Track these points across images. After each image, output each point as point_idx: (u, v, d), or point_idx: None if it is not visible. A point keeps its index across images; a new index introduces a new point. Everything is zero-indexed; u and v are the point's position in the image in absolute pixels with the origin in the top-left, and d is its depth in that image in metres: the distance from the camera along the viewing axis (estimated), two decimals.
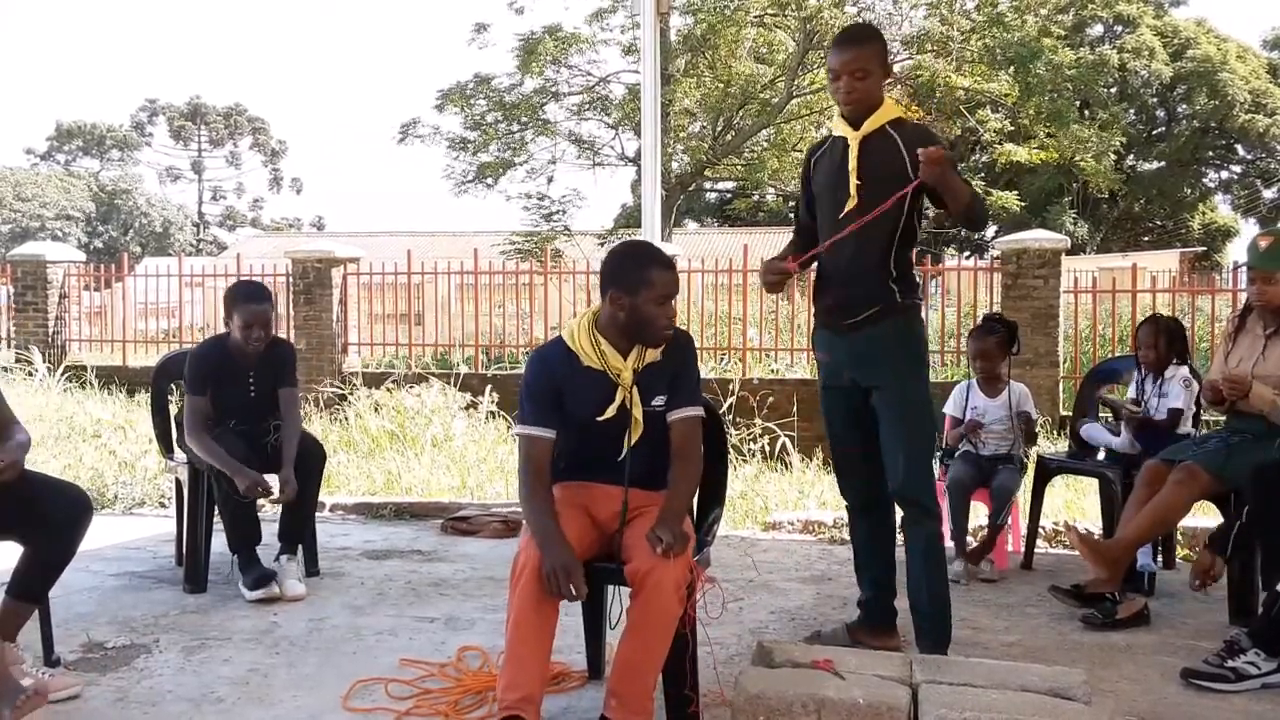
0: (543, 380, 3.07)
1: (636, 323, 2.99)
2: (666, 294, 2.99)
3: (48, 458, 7.24)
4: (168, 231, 53.29)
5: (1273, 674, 3.35)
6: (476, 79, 20.80)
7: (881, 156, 3.39)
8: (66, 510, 3.24)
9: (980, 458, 4.91)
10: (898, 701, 2.70)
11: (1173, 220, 35.88)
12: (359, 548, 5.34)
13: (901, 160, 3.36)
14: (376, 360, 11.24)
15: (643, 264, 3.00)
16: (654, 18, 5.28)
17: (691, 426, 3.07)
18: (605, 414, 3.02)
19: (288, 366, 4.62)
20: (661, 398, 3.06)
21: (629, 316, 2.98)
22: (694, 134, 20.50)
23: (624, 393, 3.01)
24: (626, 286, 2.97)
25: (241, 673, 3.51)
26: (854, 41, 3.47)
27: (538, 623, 2.83)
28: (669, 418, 3.06)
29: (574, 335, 3.06)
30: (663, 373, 3.06)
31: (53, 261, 12.19)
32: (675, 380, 3.07)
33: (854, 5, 18.86)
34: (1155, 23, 33.46)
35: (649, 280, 2.96)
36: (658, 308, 2.97)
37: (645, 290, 2.96)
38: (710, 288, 11.83)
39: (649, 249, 3.14)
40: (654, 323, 2.98)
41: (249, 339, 4.43)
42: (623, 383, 3.01)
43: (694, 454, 3.07)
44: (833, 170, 3.51)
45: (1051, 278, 9.34)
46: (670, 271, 3.01)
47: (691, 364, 3.14)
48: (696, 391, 3.13)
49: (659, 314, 2.98)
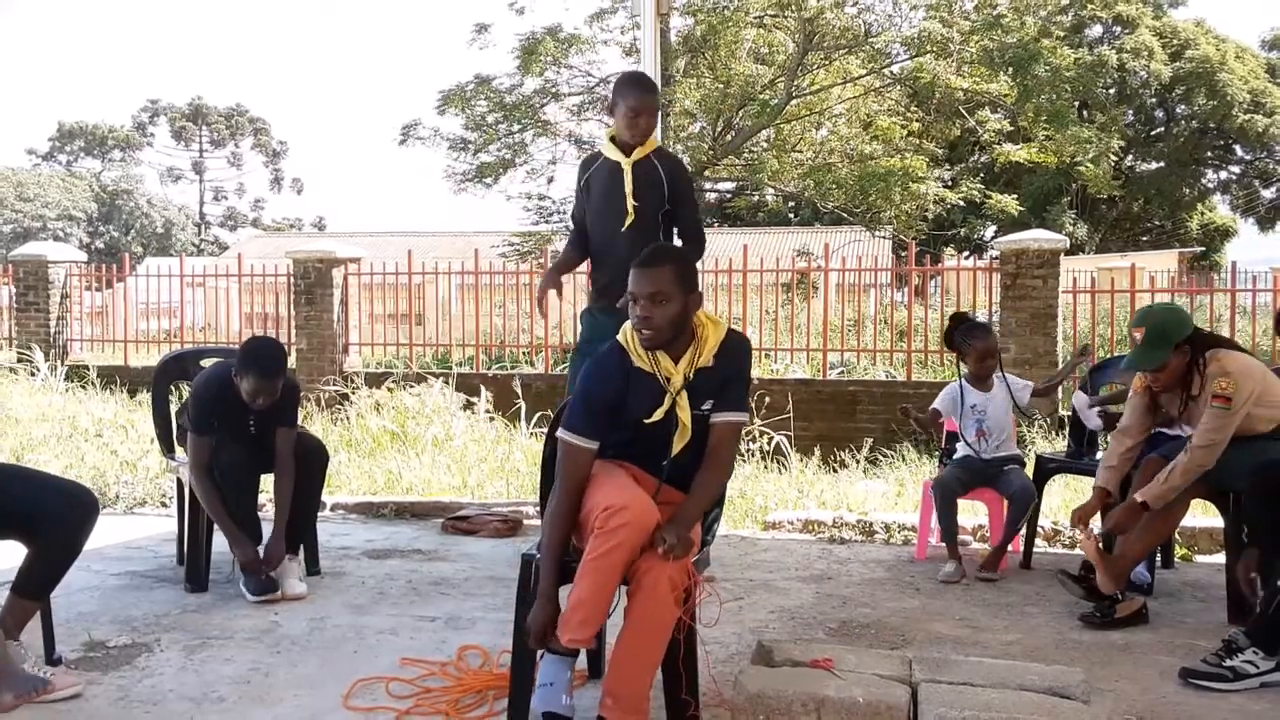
0: (599, 387, 3.01)
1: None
2: (635, 292, 2.95)
3: (50, 458, 7.25)
4: (169, 232, 53.29)
5: (1271, 672, 3.36)
6: (477, 80, 20.81)
7: (650, 179, 4.41)
8: (71, 509, 3.24)
9: (983, 460, 4.92)
10: (897, 701, 2.71)
11: (1171, 220, 35.86)
12: (360, 547, 5.34)
13: (663, 184, 4.45)
14: (377, 360, 11.25)
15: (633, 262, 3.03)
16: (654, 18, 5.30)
17: (732, 431, 3.05)
18: (653, 416, 2.99)
19: (289, 408, 4.50)
20: (709, 404, 3.02)
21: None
22: (694, 134, 20.50)
23: (672, 397, 2.98)
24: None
25: (243, 672, 3.52)
26: (652, 90, 4.48)
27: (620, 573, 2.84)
28: (711, 420, 3.03)
29: (627, 335, 3.04)
30: (715, 378, 3.01)
31: (54, 262, 12.20)
32: (725, 385, 3.02)
33: (854, 6, 18.88)
34: (1154, 23, 33.43)
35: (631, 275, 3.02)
36: (630, 310, 2.97)
37: (630, 279, 3.00)
38: (710, 288, 11.84)
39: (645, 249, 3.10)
40: (632, 324, 2.99)
41: (252, 403, 4.32)
42: (672, 388, 2.98)
43: (726, 460, 3.07)
44: (610, 188, 4.46)
45: (1050, 278, 9.36)
46: (641, 268, 2.96)
47: (744, 370, 3.10)
48: (744, 398, 3.10)
49: (631, 314, 2.98)
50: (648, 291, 2.90)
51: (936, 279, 13.47)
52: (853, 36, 18.60)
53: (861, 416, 9.46)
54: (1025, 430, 8.16)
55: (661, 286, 2.90)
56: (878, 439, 8.72)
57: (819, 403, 9.56)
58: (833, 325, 10.71)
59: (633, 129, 4.40)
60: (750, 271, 10.38)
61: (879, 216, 19.63)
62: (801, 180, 19.77)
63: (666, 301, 2.91)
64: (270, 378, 4.26)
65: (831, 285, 11.09)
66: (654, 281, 2.91)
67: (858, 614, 4.18)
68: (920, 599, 4.42)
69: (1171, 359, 3.92)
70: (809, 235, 28.70)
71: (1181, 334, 3.93)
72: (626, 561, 2.82)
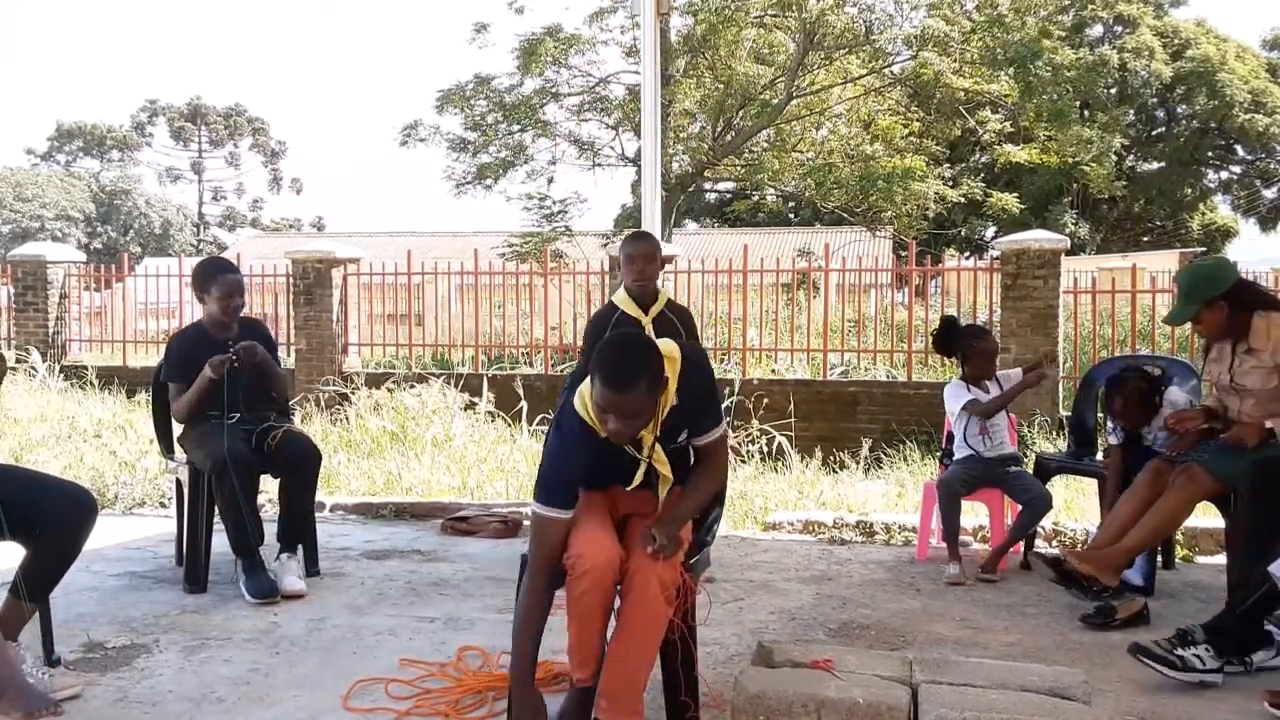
0: (565, 457, 2.90)
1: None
2: (600, 405, 2.75)
3: (48, 458, 7.24)
4: (168, 232, 53.28)
5: (1212, 673, 3.34)
6: (477, 79, 20.78)
7: (669, 330, 4.48)
8: (71, 510, 3.23)
9: (985, 460, 4.91)
10: (898, 701, 2.70)
11: (1172, 220, 35.84)
12: (359, 548, 5.34)
13: (681, 334, 4.54)
14: (377, 360, 11.24)
15: (596, 366, 2.76)
16: (654, 18, 5.29)
17: (717, 444, 3.03)
18: (632, 483, 2.95)
19: (265, 337, 4.81)
20: (684, 434, 2.97)
21: None
22: (694, 134, 20.47)
23: (646, 461, 2.91)
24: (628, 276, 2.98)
25: (242, 672, 3.51)
26: (646, 237, 4.80)
27: (602, 615, 2.88)
28: (694, 443, 3.00)
29: (585, 406, 2.86)
30: (683, 411, 2.92)
31: (53, 262, 12.18)
32: (695, 411, 2.95)
33: (854, 5, 18.85)
34: (1155, 23, 33.42)
35: (594, 382, 2.76)
36: (597, 413, 2.78)
37: (594, 389, 2.77)
38: (710, 288, 11.83)
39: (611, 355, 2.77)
40: (599, 423, 2.81)
41: (228, 309, 4.57)
42: (644, 451, 2.91)
43: (719, 465, 3.05)
44: None
45: (1051, 278, 9.34)
46: (610, 390, 2.71)
47: (708, 387, 3.00)
48: (717, 412, 3.02)
49: (599, 417, 2.79)
50: (622, 411, 2.73)
51: (937, 279, 13.45)
52: (853, 36, 18.58)
53: (862, 417, 9.44)
54: (1025, 430, 8.15)
55: (636, 407, 2.74)
56: (878, 439, 8.71)
57: (819, 403, 9.55)
58: (833, 325, 10.70)
59: (640, 277, 4.62)
60: (750, 271, 10.36)
61: (879, 216, 19.61)
62: (802, 180, 19.75)
63: (640, 416, 2.77)
64: (234, 270, 4.70)
65: (832, 285, 11.08)
66: (628, 404, 2.73)
67: (858, 615, 4.17)
68: (921, 600, 4.42)
69: (1204, 314, 3.98)
70: (809, 235, 28.70)
71: (1212, 290, 3.96)
72: (602, 603, 2.85)
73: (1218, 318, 3.99)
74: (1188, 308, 4.05)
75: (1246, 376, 3.98)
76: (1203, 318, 4.02)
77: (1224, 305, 3.96)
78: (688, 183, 21.00)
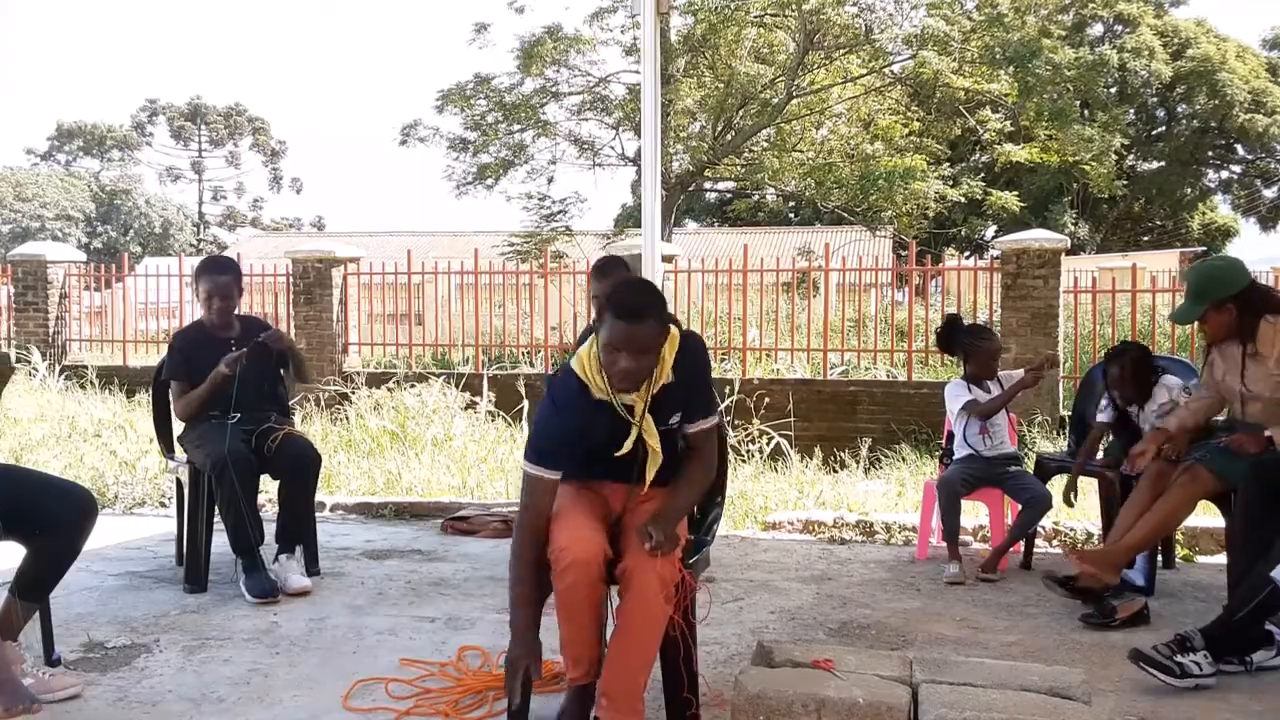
0: (555, 417, 2.91)
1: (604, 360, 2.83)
2: (611, 343, 2.77)
3: (48, 458, 7.24)
4: (168, 232, 53.25)
5: (1207, 677, 3.33)
6: (476, 79, 20.78)
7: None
8: (71, 510, 3.23)
9: (986, 459, 4.91)
10: (898, 701, 2.70)
11: (1173, 220, 35.85)
12: (359, 548, 5.34)
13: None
14: (377, 360, 11.23)
15: (610, 304, 2.81)
16: (654, 18, 5.27)
17: (707, 435, 3.02)
18: (621, 450, 2.92)
19: (263, 327, 4.81)
20: (677, 416, 2.97)
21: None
22: (694, 134, 20.48)
23: (638, 427, 2.90)
24: (601, 318, 2.86)
25: (242, 672, 3.51)
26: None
27: (589, 610, 2.87)
28: (685, 430, 2.99)
29: (584, 365, 2.90)
30: (676, 390, 2.92)
31: (53, 261, 12.18)
32: (689, 394, 2.96)
33: (854, 5, 18.85)
34: (1155, 23, 33.40)
35: (605, 321, 2.80)
36: (607, 354, 2.80)
37: (604, 329, 2.80)
38: (710, 288, 11.83)
39: (623, 291, 2.85)
40: (607, 368, 2.82)
41: (210, 310, 4.62)
42: (635, 416, 2.90)
43: (709, 458, 3.04)
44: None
45: (1051, 278, 9.34)
46: (623, 323, 2.74)
47: (704, 372, 3.02)
48: (710, 400, 3.05)
49: (607, 361, 2.80)
50: (634, 347, 2.73)
51: (937, 279, 13.45)
52: (853, 35, 18.58)
53: (862, 417, 9.45)
54: (1025, 430, 8.15)
55: (648, 341, 2.75)
56: (878, 439, 8.71)
57: (819, 403, 9.55)
58: (833, 325, 10.70)
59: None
60: (750, 271, 10.36)
61: (879, 216, 19.61)
62: (802, 180, 19.75)
63: (650, 353, 2.77)
64: (222, 272, 4.65)
65: (832, 285, 11.07)
66: (641, 336, 2.73)
67: (858, 614, 4.17)
68: (921, 599, 4.41)
69: (1210, 315, 3.94)
70: (809, 235, 28.68)
71: (1222, 291, 3.92)
72: (589, 598, 2.84)
73: (1224, 320, 3.94)
74: (1195, 307, 3.99)
75: (1256, 382, 3.97)
76: (1209, 319, 3.97)
77: (1232, 308, 3.92)
78: (688, 182, 21.01)
